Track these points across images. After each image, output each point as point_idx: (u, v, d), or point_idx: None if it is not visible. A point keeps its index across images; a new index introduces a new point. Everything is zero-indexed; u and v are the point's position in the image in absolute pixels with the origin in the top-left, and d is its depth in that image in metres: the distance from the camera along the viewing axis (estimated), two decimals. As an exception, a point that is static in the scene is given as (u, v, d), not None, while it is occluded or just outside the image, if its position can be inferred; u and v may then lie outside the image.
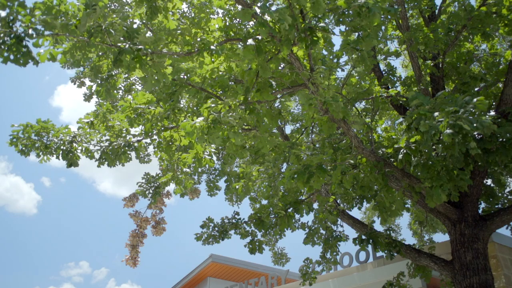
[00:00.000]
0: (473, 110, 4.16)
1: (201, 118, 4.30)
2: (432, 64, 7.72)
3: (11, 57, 3.11)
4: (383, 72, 9.29)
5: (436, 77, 8.23)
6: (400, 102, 8.33)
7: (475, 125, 3.83)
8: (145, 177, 8.00)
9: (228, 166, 10.00)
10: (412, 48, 7.51)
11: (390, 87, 8.87)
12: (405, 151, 5.85)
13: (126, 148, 5.56)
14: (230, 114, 4.53)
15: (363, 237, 7.54)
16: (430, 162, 5.56)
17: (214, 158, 6.24)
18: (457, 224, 7.20)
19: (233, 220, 8.93)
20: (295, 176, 5.69)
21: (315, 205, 8.83)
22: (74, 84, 10.18)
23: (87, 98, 10.05)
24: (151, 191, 7.82)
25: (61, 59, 3.58)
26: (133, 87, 8.41)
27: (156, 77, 4.20)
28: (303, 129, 9.15)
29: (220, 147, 7.61)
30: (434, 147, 5.64)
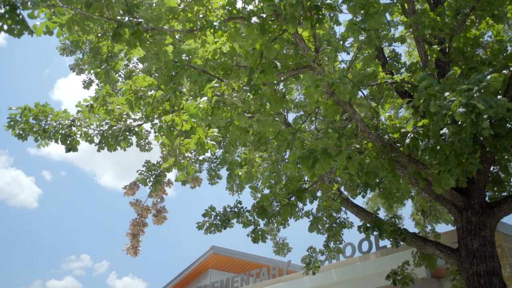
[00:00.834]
0: (482, 93, 4.01)
1: (204, 99, 4.15)
2: (438, 48, 7.56)
3: (5, 27, 2.95)
4: (388, 59, 9.13)
5: (442, 63, 8.07)
6: (405, 88, 8.18)
7: (489, 104, 3.68)
8: (146, 164, 7.86)
9: (230, 156, 9.86)
10: (418, 32, 7.34)
11: (394, 73, 8.71)
12: (412, 135, 5.71)
13: (127, 132, 5.41)
14: (235, 95, 4.39)
15: (368, 225, 7.42)
16: (438, 147, 5.41)
17: (215, 144, 6.08)
18: (464, 211, 7.07)
19: (235, 209, 8.82)
20: (300, 160, 5.55)
21: (319, 194, 8.72)
22: (73, 71, 10.02)
23: (87, 85, 9.89)
24: (151, 179, 7.68)
25: (58, 32, 3.43)
26: (133, 74, 8.26)
27: (157, 55, 4.05)
28: (305, 117, 9.00)
29: (222, 135, 7.46)
30: (442, 131, 5.50)
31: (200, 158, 8.89)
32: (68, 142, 5.51)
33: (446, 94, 4.30)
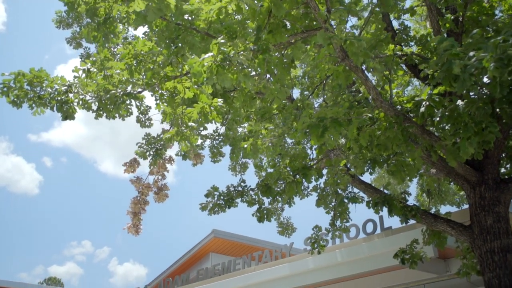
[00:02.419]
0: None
1: (210, 54, 3.85)
2: (452, 17, 7.23)
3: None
4: (396, 32, 8.80)
5: (454, 34, 7.74)
6: (416, 61, 7.88)
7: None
8: (145, 137, 7.57)
9: (233, 134, 9.56)
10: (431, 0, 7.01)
11: (404, 46, 8.40)
12: (427, 103, 5.42)
13: (125, 96, 5.11)
14: (241, 53, 4.08)
15: (377, 200, 7.16)
16: (456, 114, 5.12)
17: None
18: (477, 187, 6.81)
19: (239, 188, 8.55)
20: (308, 129, 5.25)
21: (324, 171, 8.45)
22: (70, 45, 9.70)
23: (85, 59, 9.57)
24: (151, 152, 7.38)
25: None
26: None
27: (159, 9, 3.74)
28: (312, 91, 8.68)
29: (225, 108, 7.15)
30: (456, 103, 5.20)
31: (202, 133, 8.61)
32: (64, 109, 5.23)
33: (471, 53, 4.00)
